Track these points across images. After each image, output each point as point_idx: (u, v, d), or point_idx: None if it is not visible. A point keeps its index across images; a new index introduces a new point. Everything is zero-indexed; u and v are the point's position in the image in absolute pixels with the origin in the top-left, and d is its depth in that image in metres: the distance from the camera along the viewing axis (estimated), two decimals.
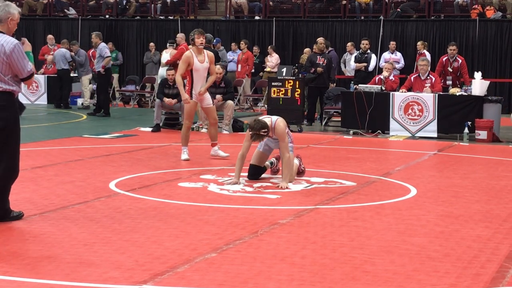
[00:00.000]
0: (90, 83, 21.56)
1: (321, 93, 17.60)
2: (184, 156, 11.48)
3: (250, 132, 9.34)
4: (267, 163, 10.04)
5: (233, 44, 23.49)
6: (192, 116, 11.72)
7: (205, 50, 11.49)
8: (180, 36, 19.89)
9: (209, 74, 11.75)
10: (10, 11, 7.02)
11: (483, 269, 5.74)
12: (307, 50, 21.21)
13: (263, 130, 9.30)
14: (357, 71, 19.02)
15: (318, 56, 17.85)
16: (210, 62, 11.53)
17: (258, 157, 9.85)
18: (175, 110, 16.24)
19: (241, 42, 22.55)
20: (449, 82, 16.48)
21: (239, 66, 22.14)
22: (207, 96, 11.59)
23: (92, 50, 22.03)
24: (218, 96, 15.55)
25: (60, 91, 21.62)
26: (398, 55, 21.56)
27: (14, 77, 6.93)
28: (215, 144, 11.81)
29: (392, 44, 21.80)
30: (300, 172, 10.00)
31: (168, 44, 21.47)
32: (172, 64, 19.67)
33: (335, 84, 19.21)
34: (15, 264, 5.60)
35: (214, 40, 21.95)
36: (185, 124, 11.69)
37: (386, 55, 21.60)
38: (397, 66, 21.06)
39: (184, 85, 11.58)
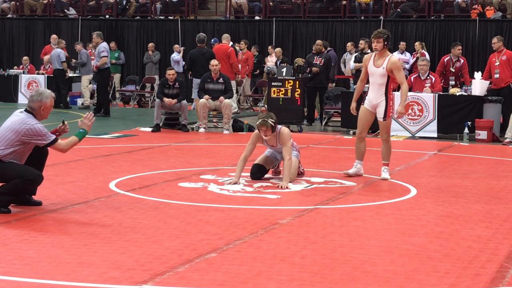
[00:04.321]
0: (90, 83, 21.56)
1: (319, 92, 17.63)
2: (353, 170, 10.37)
3: (260, 120, 9.44)
4: None
5: (236, 44, 23.48)
6: (361, 125, 10.37)
7: (390, 58, 10.05)
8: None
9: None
10: (42, 100, 7.58)
11: (483, 269, 5.74)
12: (278, 50, 21.56)
13: (271, 120, 9.40)
14: (357, 71, 19.02)
15: (315, 56, 17.88)
16: (392, 70, 9.96)
17: (263, 158, 9.89)
18: (175, 110, 16.24)
19: (241, 42, 22.55)
20: (452, 83, 16.46)
21: (239, 66, 22.13)
22: (381, 109, 10.15)
23: (89, 50, 22.09)
24: (221, 98, 15.60)
25: (57, 91, 21.60)
26: (408, 55, 21.52)
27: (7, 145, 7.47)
28: (386, 164, 10.31)
29: (402, 44, 21.74)
30: (299, 174, 10.01)
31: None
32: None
33: (334, 84, 19.21)
34: (15, 264, 5.60)
35: (212, 40, 21.96)
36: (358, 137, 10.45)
37: (396, 55, 21.56)
38: (407, 66, 21.05)
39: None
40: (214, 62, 15.99)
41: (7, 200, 7.43)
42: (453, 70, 16.63)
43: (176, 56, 23.78)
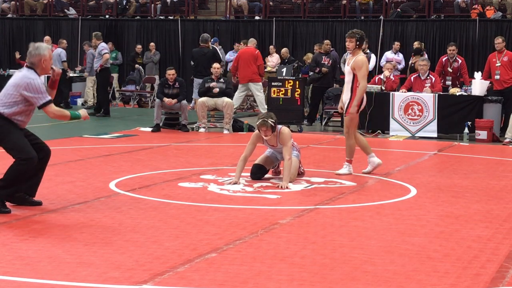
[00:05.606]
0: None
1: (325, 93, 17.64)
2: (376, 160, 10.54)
3: (260, 120, 9.46)
4: None
5: (236, 44, 23.49)
6: (346, 125, 10.54)
7: (356, 57, 10.28)
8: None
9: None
10: (41, 53, 7.61)
11: (483, 269, 5.74)
12: (284, 50, 21.33)
13: (271, 119, 9.42)
14: None
15: (323, 56, 17.87)
16: (355, 68, 10.25)
17: (263, 158, 9.90)
18: (175, 110, 16.24)
19: (241, 43, 22.54)
20: (448, 83, 16.49)
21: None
22: (346, 105, 10.38)
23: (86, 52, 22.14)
24: (214, 84, 15.69)
25: (58, 91, 21.56)
26: (400, 56, 21.54)
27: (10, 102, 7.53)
28: (347, 160, 10.48)
29: (397, 44, 21.74)
30: (300, 174, 10.02)
31: None
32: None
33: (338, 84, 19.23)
34: (15, 264, 5.60)
35: (212, 40, 21.97)
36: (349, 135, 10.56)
37: (389, 54, 21.55)
38: (399, 66, 21.08)
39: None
40: (216, 65, 16.15)
41: (6, 193, 7.44)
42: (451, 70, 16.63)
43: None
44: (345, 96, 10.51)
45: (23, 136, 7.58)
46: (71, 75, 22.46)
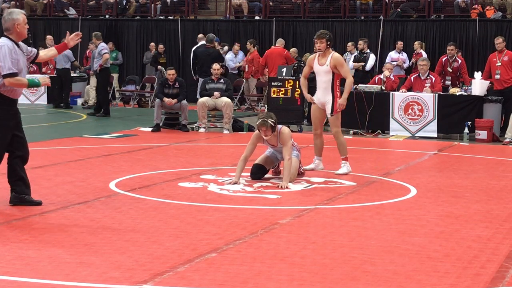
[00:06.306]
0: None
1: None
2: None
3: (260, 120, 9.47)
4: None
5: (236, 44, 23.46)
6: (314, 123, 10.90)
7: (332, 55, 10.34)
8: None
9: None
10: (13, 18, 7.49)
11: (483, 269, 5.74)
12: (293, 50, 21.33)
13: (271, 119, 9.43)
14: (356, 71, 19.01)
15: None
16: (335, 66, 10.30)
17: (263, 159, 9.91)
18: (175, 110, 16.25)
19: (247, 43, 22.53)
20: (448, 83, 16.50)
21: (246, 66, 22.16)
22: (329, 106, 10.51)
23: (88, 50, 22.12)
24: (216, 93, 15.71)
25: (60, 91, 21.60)
26: (405, 55, 21.53)
27: None
28: (343, 158, 10.60)
29: (400, 43, 21.75)
30: (300, 174, 10.02)
31: None
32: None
33: None
34: (15, 264, 5.60)
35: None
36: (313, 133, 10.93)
37: (393, 54, 21.54)
38: (404, 65, 21.08)
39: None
40: (216, 66, 16.17)
41: None
42: (450, 70, 16.64)
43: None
44: (326, 97, 10.50)
45: (9, 136, 7.53)
46: (72, 75, 22.48)
